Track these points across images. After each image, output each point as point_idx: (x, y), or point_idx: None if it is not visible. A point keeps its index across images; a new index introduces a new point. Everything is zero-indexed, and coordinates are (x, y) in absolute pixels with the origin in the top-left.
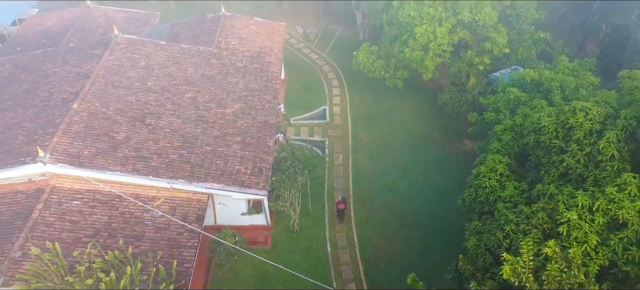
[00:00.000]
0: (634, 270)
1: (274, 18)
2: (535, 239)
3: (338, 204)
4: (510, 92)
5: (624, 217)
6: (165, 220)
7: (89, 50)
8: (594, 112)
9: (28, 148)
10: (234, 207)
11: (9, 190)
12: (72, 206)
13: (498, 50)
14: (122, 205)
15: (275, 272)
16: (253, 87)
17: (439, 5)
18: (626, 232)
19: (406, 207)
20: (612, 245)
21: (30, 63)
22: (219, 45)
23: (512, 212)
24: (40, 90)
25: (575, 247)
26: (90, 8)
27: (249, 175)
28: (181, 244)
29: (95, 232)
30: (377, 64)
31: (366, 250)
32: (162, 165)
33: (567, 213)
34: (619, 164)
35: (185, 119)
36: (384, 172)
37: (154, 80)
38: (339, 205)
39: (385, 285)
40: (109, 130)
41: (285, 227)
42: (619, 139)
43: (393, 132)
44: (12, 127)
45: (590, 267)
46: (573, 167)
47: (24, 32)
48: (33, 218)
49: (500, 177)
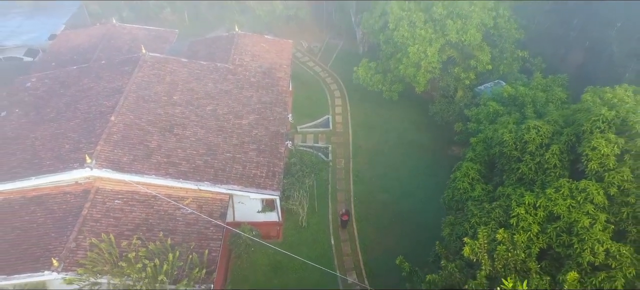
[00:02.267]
0: (564, 251)
1: (281, 34)
2: (492, 228)
3: (342, 215)
4: (490, 106)
5: (557, 211)
6: (193, 217)
7: (120, 67)
8: (544, 129)
9: (75, 155)
10: (250, 205)
11: (59, 191)
12: (114, 205)
13: (482, 67)
14: (156, 203)
15: (286, 262)
16: (265, 100)
17: (430, 28)
18: (559, 223)
19: (400, 206)
20: (548, 232)
21: (68, 78)
22: (234, 62)
23: (477, 208)
24: (80, 104)
25: (521, 234)
26: (115, 26)
27: (264, 178)
28: (208, 237)
29: (135, 227)
30: (375, 78)
31: (365, 243)
32: (190, 169)
33: (517, 209)
34: (560, 171)
35: (207, 129)
36: (380, 175)
37: (178, 95)
38: (342, 217)
39: (381, 272)
40: (143, 139)
41: (295, 223)
42: (561, 151)
43: (389, 139)
44: (58, 136)
45: (532, 249)
46: (526, 173)
47: (57, 48)
48: (83, 215)
49: (471, 180)
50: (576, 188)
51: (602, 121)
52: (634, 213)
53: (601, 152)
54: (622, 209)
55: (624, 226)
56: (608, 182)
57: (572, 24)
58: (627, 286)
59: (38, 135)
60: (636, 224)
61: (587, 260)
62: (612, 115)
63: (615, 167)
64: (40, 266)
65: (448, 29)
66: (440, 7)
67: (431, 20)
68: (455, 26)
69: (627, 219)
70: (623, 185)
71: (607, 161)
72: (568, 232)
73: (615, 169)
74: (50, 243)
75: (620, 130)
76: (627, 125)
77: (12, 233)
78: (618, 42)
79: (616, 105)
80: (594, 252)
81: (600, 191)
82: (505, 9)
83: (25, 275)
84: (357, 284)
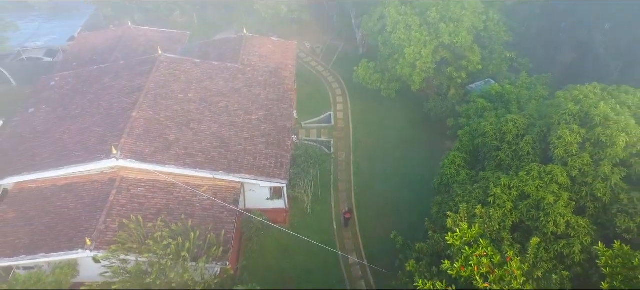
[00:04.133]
0: (533, 224)
1: (286, 36)
2: (473, 206)
3: (345, 214)
4: (479, 103)
5: (528, 191)
6: (209, 203)
7: (138, 67)
8: (520, 122)
9: (101, 147)
10: (260, 193)
11: (87, 180)
12: (138, 192)
13: (473, 67)
14: (175, 191)
15: (293, 245)
16: (272, 98)
17: (424, 31)
18: (529, 200)
19: (397, 194)
20: (520, 208)
21: (89, 77)
22: (243, 62)
23: (461, 189)
24: (103, 101)
25: (497, 209)
26: (131, 28)
27: (272, 168)
28: (223, 220)
29: (157, 211)
30: (374, 78)
31: (364, 228)
32: (205, 160)
33: (494, 189)
34: (532, 158)
35: (220, 124)
36: (379, 166)
37: (193, 92)
38: (345, 215)
39: (379, 252)
40: (162, 133)
41: (300, 210)
42: (534, 141)
43: (387, 134)
44: (84, 131)
45: (506, 222)
46: (504, 160)
47: (77, 49)
48: (110, 201)
49: (457, 167)
50: (544, 171)
51: (568, 114)
52: (592, 191)
53: (566, 141)
54: (582, 188)
55: (583, 203)
56: (571, 166)
57: (561, 26)
58: (583, 252)
59: (66, 130)
60: (593, 201)
61: (551, 231)
62: (577, 110)
63: (577, 153)
64: (75, 245)
65: (441, 31)
66: (434, 11)
67: (426, 23)
68: (448, 29)
69: (586, 197)
70: (583, 169)
71: (570, 148)
72: (536, 208)
73: (577, 155)
74: (81, 225)
75: (583, 122)
76: (589, 118)
77: (47, 217)
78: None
79: (581, 101)
80: (556, 224)
81: (564, 173)
82: (495, 12)
83: (61, 253)
84: (357, 263)
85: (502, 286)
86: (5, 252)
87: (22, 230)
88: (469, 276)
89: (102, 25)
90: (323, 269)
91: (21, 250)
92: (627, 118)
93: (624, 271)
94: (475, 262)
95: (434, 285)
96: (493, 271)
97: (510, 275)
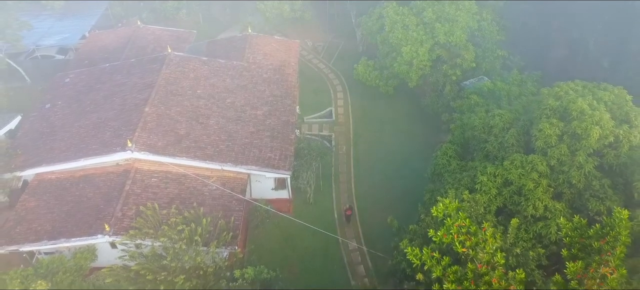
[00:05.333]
0: (515, 208)
1: (288, 34)
2: (461, 192)
3: (346, 210)
4: (472, 98)
5: (511, 178)
6: (218, 192)
7: (149, 65)
8: (506, 116)
9: (116, 140)
10: (265, 184)
11: (103, 171)
12: (151, 182)
13: (467, 65)
14: (186, 181)
15: (296, 233)
16: (277, 94)
17: (421, 30)
18: (512, 187)
19: (394, 185)
20: (504, 194)
21: (102, 75)
22: (248, 60)
23: (451, 177)
24: (116, 97)
25: (483, 195)
26: (140, 27)
27: (277, 160)
28: (231, 209)
29: (170, 200)
30: (373, 75)
31: (364, 215)
32: (214, 153)
33: (481, 177)
34: (516, 148)
35: (227, 119)
36: (377, 159)
37: (201, 89)
38: (346, 212)
39: (377, 238)
40: (173, 127)
41: (303, 199)
42: (518, 133)
43: (385, 129)
44: (100, 125)
45: (491, 206)
46: (491, 151)
47: (88, 47)
48: (126, 190)
49: (449, 157)
50: (526, 160)
51: (549, 109)
52: (568, 179)
53: (545, 133)
54: (559, 175)
55: (560, 189)
56: (550, 156)
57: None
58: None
59: (82, 124)
60: (569, 187)
61: (530, 213)
62: (557, 105)
63: (556, 144)
64: (94, 231)
65: (437, 31)
66: (430, 11)
67: (422, 23)
68: (444, 29)
69: (562, 183)
70: (561, 158)
71: (550, 140)
72: (518, 194)
73: (556, 146)
74: (100, 213)
75: (562, 116)
76: (567, 112)
77: (67, 206)
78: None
79: (562, 97)
80: (535, 207)
81: (544, 162)
82: (488, 12)
83: (82, 239)
84: (357, 248)
85: (476, 250)
86: (30, 238)
87: (44, 218)
88: (450, 242)
89: (111, 23)
90: (324, 255)
91: (44, 236)
92: (601, 112)
93: (581, 240)
94: (455, 230)
95: (421, 250)
96: (470, 238)
97: (483, 242)
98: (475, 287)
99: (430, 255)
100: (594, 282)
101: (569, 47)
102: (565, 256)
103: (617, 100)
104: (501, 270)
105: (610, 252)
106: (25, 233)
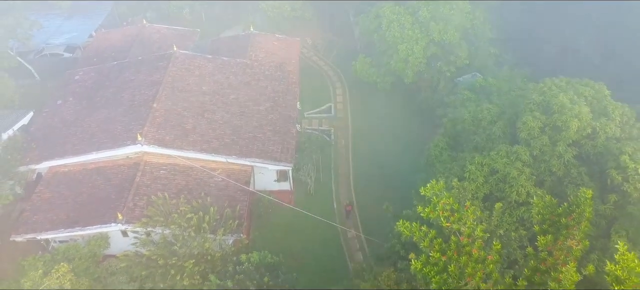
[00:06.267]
0: (500, 194)
1: (290, 33)
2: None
3: (346, 206)
4: (464, 94)
5: (497, 167)
6: (224, 184)
7: (156, 62)
8: (493, 110)
9: (126, 135)
10: (268, 176)
11: (114, 164)
12: (160, 174)
13: (460, 62)
14: (193, 173)
15: (297, 223)
16: (278, 90)
17: (416, 29)
18: (497, 175)
19: (391, 176)
20: (490, 182)
21: (111, 72)
22: (251, 58)
23: (442, 167)
24: (125, 93)
25: (471, 183)
26: (145, 26)
27: (279, 153)
28: (236, 199)
29: (178, 191)
30: (371, 72)
31: (362, 206)
32: (220, 146)
33: (469, 166)
34: (502, 140)
35: (232, 114)
36: (375, 152)
37: (206, 85)
38: (346, 208)
39: (374, 227)
40: (180, 122)
41: (304, 191)
42: (504, 126)
43: (382, 123)
44: (110, 120)
45: (478, 193)
46: (479, 142)
47: (96, 46)
48: (136, 182)
49: (440, 149)
50: (511, 150)
51: (533, 103)
52: (549, 167)
53: (529, 125)
54: (541, 164)
55: (542, 177)
56: (533, 146)
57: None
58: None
59: (93, 120)
60: (550, 175)
61: (514, 199)
62: (540, 99)
63: (538, 135)
64: (108, 220)
65: (431, 30)
66: (425, 11)
67: (417, 22)
68: (438, 27)
69: (544, 172)
70: (543, 148)
71: (533, 131)
72: (503, 181)
73: (538, 137)
74: (112, 203)
75: (545, 110)
76: (549, 106)
77: (80, 196)
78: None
79: (545, 92)
80: (518, 193)
81: (527, 153)
82: (481, 12)
83: (96, 227)
84: (355, 236)
85: (459, 225)
86: (46, 226)
87: (59, 208)
88: (436, 218)
89: (116, 22)
90: (324, 243)
91: (60, 225)
92: (580, 106)
93: (551, 217)
94: (440, 208)
95: (411, 224)
96: (453, 214)
97: (465, 217)
98: (457, 256)
99: (418, 228)
100: (562, 253)
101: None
102: (537, 231)
103: (596, 95)
104: (480, 242)
105: (575, 227)
106: (42, 222)
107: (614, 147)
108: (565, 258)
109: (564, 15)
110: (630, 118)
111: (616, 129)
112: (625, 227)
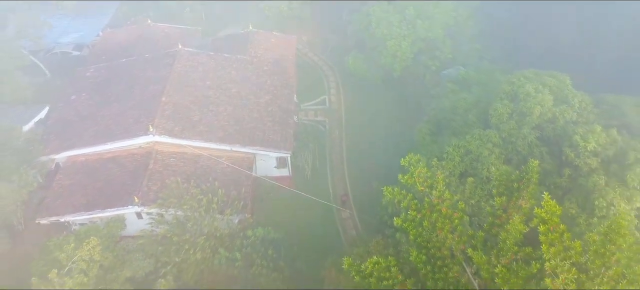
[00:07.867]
0: (473, 172)
1: (287, 30)
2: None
3: (342, 197)
4: (448, 86)
5: (471, 148)
6: (229, 170)
7: (162, 59)
8: (469, 100)
9: (138, 126)
10: (268, 163)
11: (127, 153)
12: (170, 162)
13: (444, 57)
14: (201, 160)
15: (295, 205)
16: (277, 84)
17: (403, 26)
18: (471, 155)
19: (381, 164)
20: (465, 161)
21: (120, 69)
22: (251, 54)
23: (425, 150)
24: (134, 88)
25: (448, 162)
26: (150, 25)
27: (279, 141)
28: (240, 183)
29: (187, 177)
30: (362, 67)
31: (355, 189)
32: (224, 136)
33: (447, 148)
34: (476, 125)
35: (234, 106)
36: (367, 142)
37: (210, 80)
38: (342, 198)
39: (366, 208)
40: (187, 114)
41: (302, 176)
42: (478, 113)
43: (373, 114)
44: (122, 113)
45: (455, 171)
46: (457, 128)
47: (104, 44)
48: (149, 168)
49: (424, 135)
50: (483, 134)
51: (503, 92)
52: (515, 147)
53: (499, 112)
54: (509, 145)
55: (509, 156)
56: (502, 130)
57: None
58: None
59: (105, 113)
60: (516, 154)
61: (485, 175)
62: (509, 89)
63: (507, 120)
64: (125, 202)
65: (418, 27)
66: (412, 10)
67: (405, 20)
68: (423, 25)
69: (511, 151)
70: (510, 132)
71: (502, 117)
72: (476, 161)
73: (507, 122)
74: (128, 188)
75: (513, 98)
76: (517, 95)
77: (98, 183)
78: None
79: (514, 82)
80: (488, 170)
81: (497, 135)
82: (464, 10)
83: (114, 209)
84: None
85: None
86: (68, 210)
87: (79, 194)
88: (413, 183)
89: (120, 21)
90: (321, 223)
91: (80, 208)
92: (544, 95)
93: (507, 183)
94: (416, 175)
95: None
96: (427, 180)
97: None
98: (430, 213)
99: (399, 192)
100: (514, 210)
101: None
102: (495, 193)
103: (559, 84)
104: (448, 202)
105: (525, 189)
106: (64, 206)
107: (570, 129)
108: (516, 215)
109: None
110: (588, 105)
111: (573, 114)
112: (576, 195)
